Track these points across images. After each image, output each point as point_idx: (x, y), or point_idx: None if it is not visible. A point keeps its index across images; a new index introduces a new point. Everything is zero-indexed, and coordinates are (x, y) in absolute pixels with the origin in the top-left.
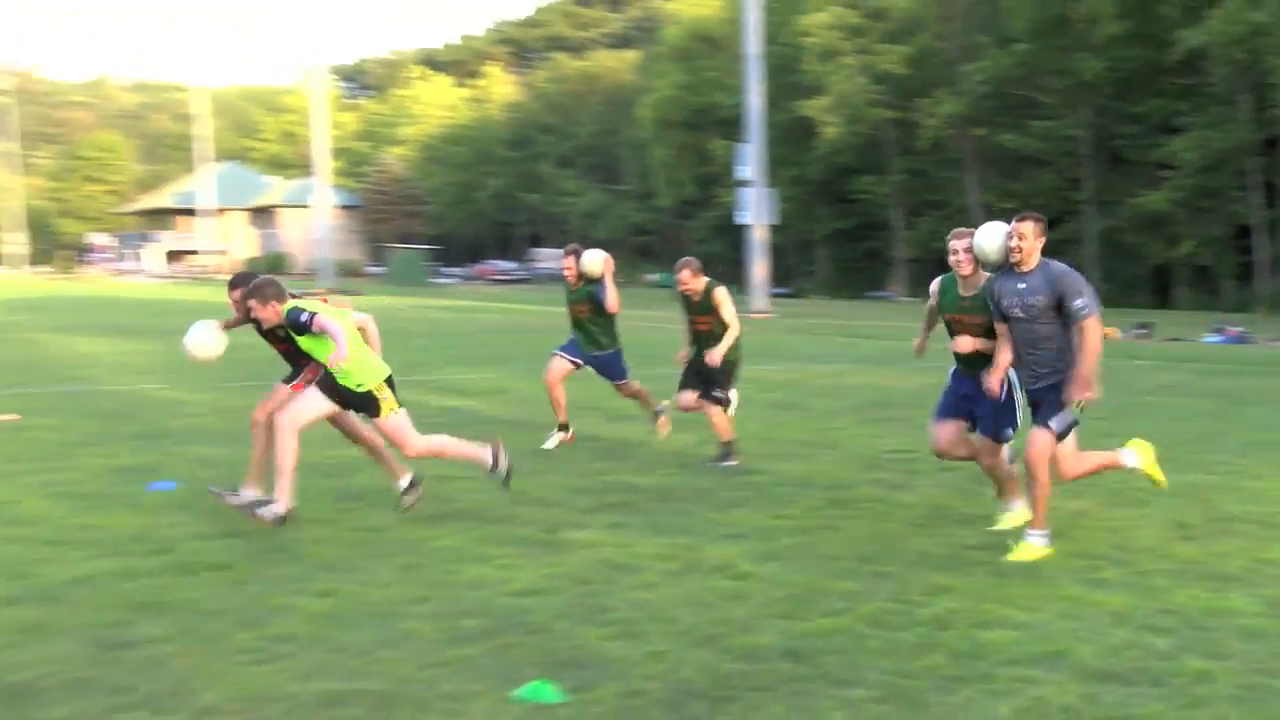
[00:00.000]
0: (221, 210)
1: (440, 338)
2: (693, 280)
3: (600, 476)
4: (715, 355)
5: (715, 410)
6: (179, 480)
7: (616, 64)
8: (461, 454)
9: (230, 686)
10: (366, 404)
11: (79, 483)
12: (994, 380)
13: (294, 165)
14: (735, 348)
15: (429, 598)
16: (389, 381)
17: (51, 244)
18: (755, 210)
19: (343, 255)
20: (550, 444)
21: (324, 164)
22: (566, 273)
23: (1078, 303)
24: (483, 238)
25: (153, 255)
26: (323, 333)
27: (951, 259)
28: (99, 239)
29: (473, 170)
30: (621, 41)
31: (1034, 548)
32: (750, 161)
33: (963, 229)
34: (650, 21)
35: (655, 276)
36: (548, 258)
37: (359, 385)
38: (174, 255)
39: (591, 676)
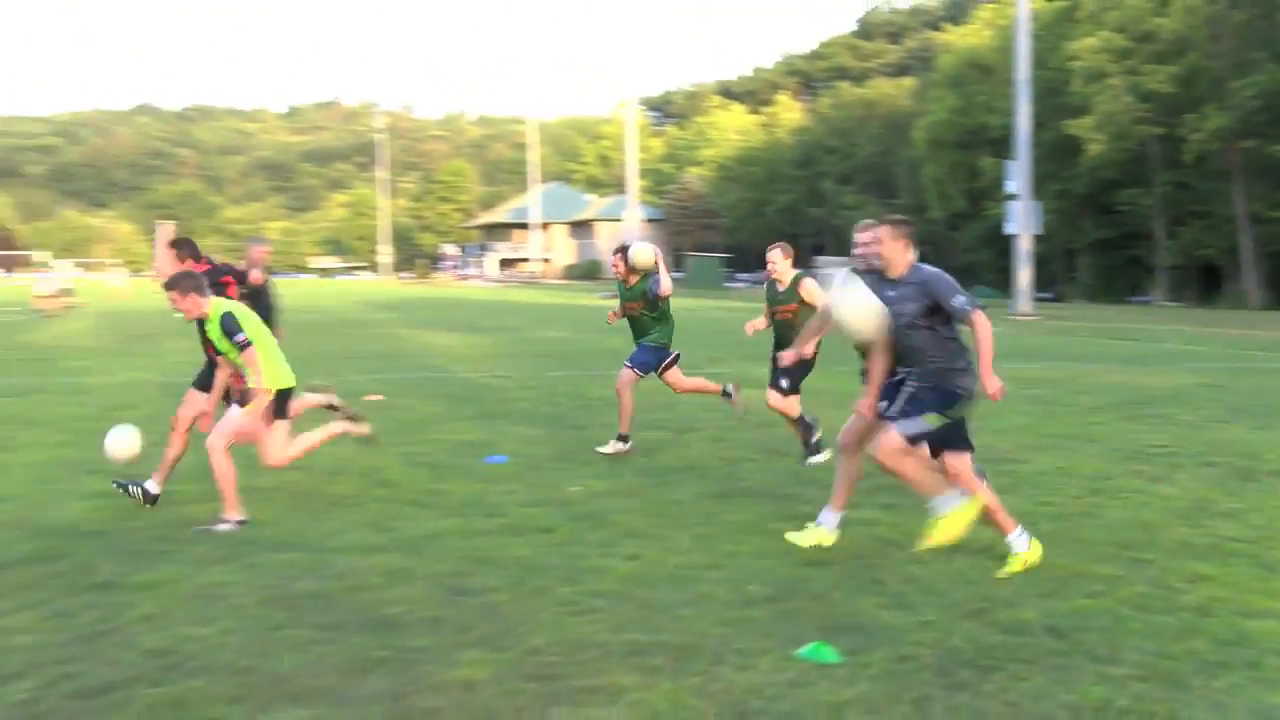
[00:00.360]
0: (546, 224)
1: (731, 335)
2: (781, 262)
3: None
4: (789, 355)
5: (773, 395)
6: (509, 455)
7: (894, 91)
8: (227, 478)
9: (553, 632)
10: (246, 395)
11: (430, 454)
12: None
13: (608, 184)
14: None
15: (721, 565)
16: (285, 393)
17: (412, 254)
18: (1022, 221)
19: None
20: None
21: (634, 183)
22: (614, 270)
23: (957, 300)
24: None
25: (490, 263)
26: (251, 365)
27: (854, 252)
28: (448, 249)
29: (763, 187)
30: (899, 70)
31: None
32: (1017, 177)
33: (870, 220)
34: (926, 51)
35: None
36: (829, 265)
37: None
38: (506, 263)
39: (866, 641)
